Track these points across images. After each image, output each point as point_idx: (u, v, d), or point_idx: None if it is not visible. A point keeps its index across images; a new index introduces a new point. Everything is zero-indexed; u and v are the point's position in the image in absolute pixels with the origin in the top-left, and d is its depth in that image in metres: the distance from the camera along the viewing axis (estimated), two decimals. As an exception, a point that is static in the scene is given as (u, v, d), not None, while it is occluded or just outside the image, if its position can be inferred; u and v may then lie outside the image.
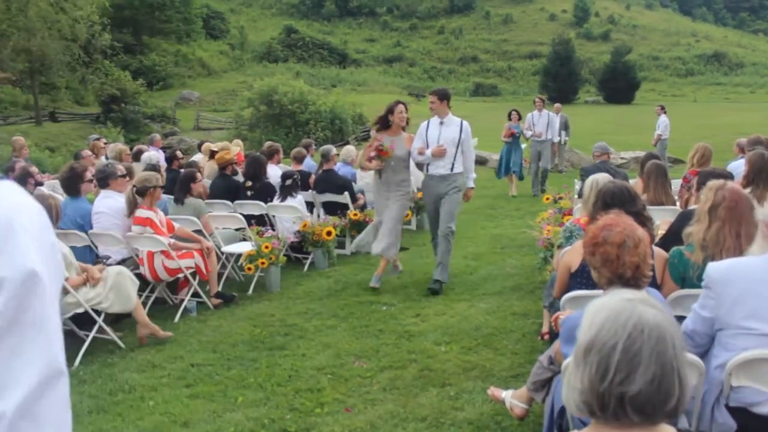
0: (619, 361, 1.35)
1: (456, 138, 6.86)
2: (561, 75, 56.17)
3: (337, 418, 4.15)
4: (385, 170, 7.03)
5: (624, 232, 2.77)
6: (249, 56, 61.75)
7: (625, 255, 2.74)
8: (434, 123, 6.98)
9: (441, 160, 6.83)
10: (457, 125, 6.93)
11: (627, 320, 1.38)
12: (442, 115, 6.93)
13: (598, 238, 2.81)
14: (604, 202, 3.73)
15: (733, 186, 3.45)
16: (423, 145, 6.93)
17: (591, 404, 1.39)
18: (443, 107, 6.92)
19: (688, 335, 3.04)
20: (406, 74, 67.36)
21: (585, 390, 1.39)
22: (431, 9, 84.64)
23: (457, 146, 6.87)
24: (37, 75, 31.88)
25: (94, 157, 10.30)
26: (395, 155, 6.92)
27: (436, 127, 6.94)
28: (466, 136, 6.95)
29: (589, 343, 1.40)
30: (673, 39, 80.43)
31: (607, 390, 1.36)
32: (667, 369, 1.35)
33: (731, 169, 6.54)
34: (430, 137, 6.91)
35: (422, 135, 6.98)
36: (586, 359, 1.40)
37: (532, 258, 7.86)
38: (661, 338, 1.36)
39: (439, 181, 6.88)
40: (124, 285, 5.48)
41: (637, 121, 35.48)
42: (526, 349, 5.15)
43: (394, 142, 6.96)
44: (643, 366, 1.35)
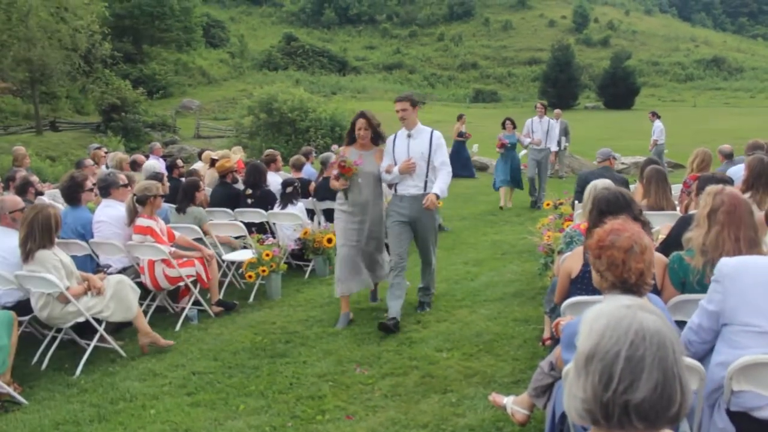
0: (623, 369, 1.34)
1: (425, 152, 5.98)
2: (561, 81, 56.20)
3: (338, 425, 4.14)
4: (352, 189, 6.08)
5: (632, 238, 2.77)
6: (249, 64, 61.85)
7: (631, 261, 2.73)
8: (402, 136, 6.10)
9: (411, 179, 6.00)
10: (426, 136, 6.05)
11: (628, 327, 1.38)
12: (410, 126, 6.05)
13: (605, 241, 2.80)
14: (599, 209, 3.73)
15: (731, 190, 3.45)
16: (391, 161, 6.07)
17: (594, 413, 1.38)
18: (414, 116, 6.06)
19: (694, 331, 3.04)
20: (406, 81, 67.39)
21: (588, 399, 1.38)
22: (431, 16, 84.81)
23: (428, 161, 5.98)
24: (37, 84, 31.95)
25: (95, 166, 10.32)
26: (363, 172, 6.03)
27: (403, 141, 6.07)
28: (438, 148, 6.03)
29: (590, 351, 1.39)
30: (673, 44, 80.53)
31: (611, 399, 1.35)
32: (669, 375, 1.35)
33: (731, 173, 6.55)
34: (398, 153, 6.03)
35: (390, 151, 6.11)
36: (588, 368, 1.39)
37: (532, 264, 7.86)
38: (662, 344, 1.36)
39: (410, 202, 6.01)
40: (124, 294, 5.48)
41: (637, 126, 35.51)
42: (527, 355, 5.14)
43: (362, 157, 6.06)
44: (647, 373, 1.34)
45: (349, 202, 6.09)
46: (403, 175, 5.97)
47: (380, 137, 6.23)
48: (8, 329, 4.81)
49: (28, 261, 5.13)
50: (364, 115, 6.13)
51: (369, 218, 6.09)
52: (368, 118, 6.11)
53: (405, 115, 6.01)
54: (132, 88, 33.96)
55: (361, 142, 6.11)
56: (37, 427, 4.30)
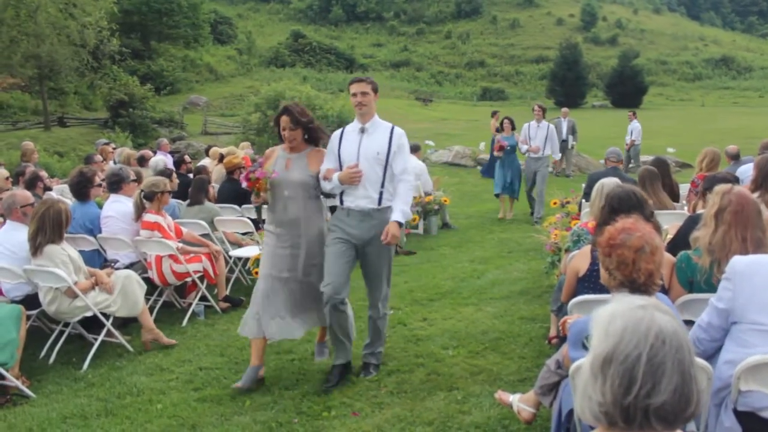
0: (644, 373, 1.33)
1: (383, 152, 4.60)
2: (568, 79, 56.04)
3: (344, 421, 4.15)
4: (276, 205, 4.75)
5: (643, 238, 2.77)
6: (256, 61, 61.89)
7: (641, 261, 2.73)
8: (352, 131, 4.75)
9: (363, 188, 4.60)
10: (384, 133, 4.69)
11: (648, 330, 1.36)
12: (366, 118, 4.69)
13: (617, 239, 2.80)
14: (611, 207, 3.73)
15: (740, 190, 3.44)
16: (335, 164, 4.69)
17: (613, 416, 1.37)
18: (373, 105, 4.74)
19: (703, 329, 3.04)
20: (413, 79, 67.34)
21: (606, 403, 1.37)
22: (438, 14, 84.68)
23: (385, 165, 4.61)
24: (46, 80, 32.08)
25: (104, 162, 10.36)
26: (289, 181, 4.68)
27: (354, 137, 4.69)
28: (399, 150, 4.66)
29: (609, 354, 1.37)
30: (681, 43, 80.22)
31: (633, 403, 1.34)
32: (686, 377, 1.35)
33: (740, 173, 6.53)
34: (346, 153, 4.65)
35: (334, 150, 4.72)
36: (606, 371, 1.37)
37: (539, 262, 7.85)
38: (680, 347, 1.36)
39: (359, 219, 4.63)
40: (131, 289, 5.51)
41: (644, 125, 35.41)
42: (533, 353, 5.14)
43: (291, 163, 4.75)
44: (667, 376, 1.34)
45: (273, 222, 4.79)
46: (345, 185, 4.61)
47: (316, 135, 4.86)
48: (16, 323, 4.84)
49: (36, 255, 5.16)
50: (288, 111, 4.71)
51: (304, 241, 4.71)
52: (293, 113, 4.69)
53: (365, 101, 4.63)
54: (140, 85, 34.01)
55: (288, 145, 4.79)
56: (44, 420, 4.33)
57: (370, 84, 4.70)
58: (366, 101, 4.65)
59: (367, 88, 4.67)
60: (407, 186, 4.65)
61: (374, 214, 4.62)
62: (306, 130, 4.79)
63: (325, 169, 4.69)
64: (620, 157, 8.07)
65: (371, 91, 4.68)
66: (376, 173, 4.61)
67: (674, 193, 6.89)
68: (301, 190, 4.72)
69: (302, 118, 4.72)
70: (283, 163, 4.77)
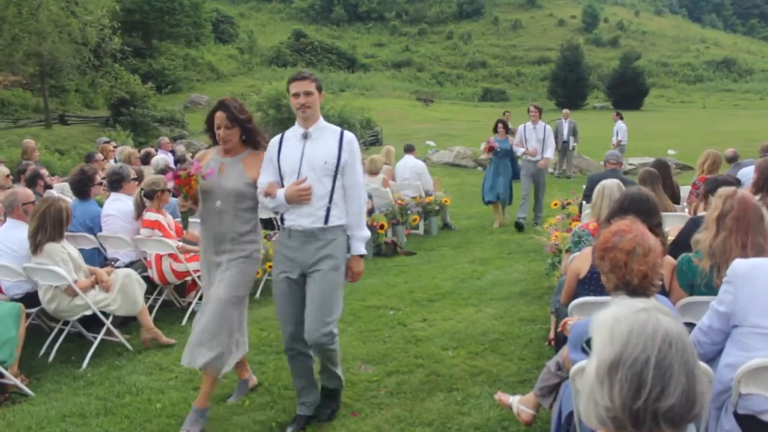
0: (654, 376, 1.33)
1: (331, 162, 3.94)
2: (570, 80, 56.07)
3: (343, 422, 4.15)
4: (207, 215, 4.17)
5: (635, 240, 2.77)
6: (258, 60, 61.93)
7: (633, 262, 2.73)
8: (293, 136, 4.05)
9: (304, 205, 3.94)
10: (333, 138, 4.02)
11: (654, 333, 1.35)
12: (309, 123, 4.00)
13: (609, 242, 2.81)
14: (622, 205, 3.71)
15: (743, 195, 3.43)
16: (275, 177, 4.04)
17: (622, 421, 1.36)
18: (318, 106, 4.04)
19: (704, 332, 3.03)
20: (414, 79, 67.36)
21: (615, 408, 1.36)
22: (440, 14, 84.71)
23: (333, 177, 3.96)
24: (47, 78, 32.09)
25: (105, 160, 10.37)
26: (221, 189, 4.09)
27: (296, 144, 4.01)
28: (351, 158, 4.01)
29: (616, 358, 1.36)
30: (683, 45, 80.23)
31: (643, 407, 1.33)
32: (692, 378, 1.35)
33: (741, 176, 6.52)
34: (287, 162, 4.00)
35: (273, 159, 4.05)
36: (614, 376, 1.36)
37: (539, 263, 7.85)
38: (685, 348, 1.35)
39: (302, 241, 3.97)
40: (131, 288, 5.51)
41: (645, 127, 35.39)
42: (533, 355, 5.13)
43: (225, 167, 4.14)
44: (675, 379, 1.33)
45: (205, 237, 4.23)
46: (291, 203, 3.94)
47: (255, 137, 4.24)
48: (16, 321, 4.84)
49: (36, 253, 5.15)
50: (225, 106, 4.10)
51: (225, 261, 4.13)
52: (230, 108, 4.08)
53: (309, 102, 3.94)
54: (141, 83, 34.05)
55: (223, 146, 4.17)
56: (43, 419, 4.32)
57: (314, 82, 4.00)
58: (310, 102, 3.96)
59: (311, 86, 3.96)
60: (361, 203, 4.06)
61: (320, 234, 3.93)
62: (244, 129, 4.17)
63: (266, 184, 4.02)
64: (620, 159, 8.05)
65: (315, 90, 3.99)
66: (324, 186, 3.93)
67: (675, 195, 6.88)
68: (234, 201, 4.08)
69: (240, 115, 4.11)
70: (216, 167, 4.13)
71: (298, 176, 3.92)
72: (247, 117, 4.18)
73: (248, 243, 4.16)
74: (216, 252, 4.15)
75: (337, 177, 3.96)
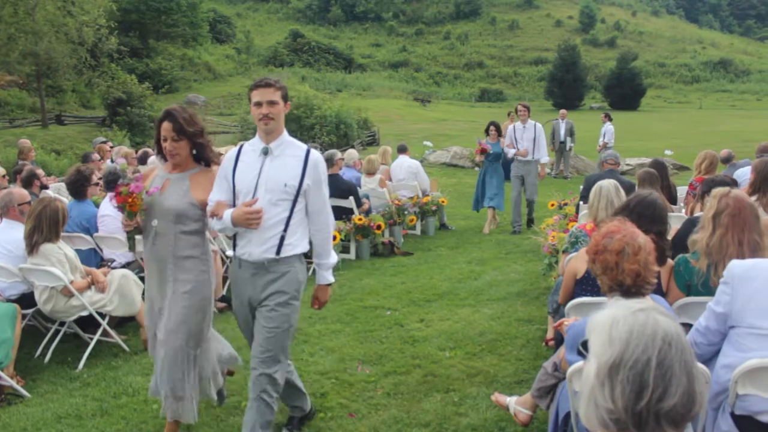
0: (656, 377, 1.32)
1: (293, 185, 3.46)
2: (567, 81, 56.20)
3: (340, 423, 4.14)
4: (147, 238, 3.73)
5: (623, 240, 2.77)
6: (255, 60, 61.90)
7: (624, 263, 2.74)
8: (253, 151, 3.57)
9: (260, 232, 3.46)
10: (297, 158, 3.51)
11: (654, 333, 1.35)
12: (272, 137, 3.51)
13: (599, 245, 2.83)
14: (630, 207, 3.68)
15: (737, 194, 3.44)
16: (227, 196, 3.56)
17: (624, 422, 1.35)
18: (282, 118, 3.55)
19: (701, 332, 3.03)
20: (411, 79, 67.45)
21: (617, 410, 1.35)
22: (437, 14, 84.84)
23: (293, 201, 3.48)
24: (43, 78, 32.04)
25: (101, 160, 10.35)
26: (160, 208, 3.64)
27: (255, 161, 3.52)
28: (317, 183, 3.53)
29: (616, 359, 1.36)
30: (679, 46, 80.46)
31: (645, 408, 1.33)
32: (691, 378, 1.35)
33: (737, 176, 6.54)
34: (243, 181, 3.51)
35: (227, 175, 3.57)
36: (615, 377, 1.35)
37: (536, 264, 7.85)
38: (684, 348, 1.35)
39: (251, 273, 3.53)
40: (128, 288, 5.49)
41: (642, 127, 35.46)
42: (530, 356, 5.13)
43: (168, 184, 3.68)
44: (676, 379, 1.33)
45: (145, 255, 3.81)
46: (238, 227, 3.48)
47: (206, 153, 3.75)
48: (12, 322, 4.82)
49: (32, 254, 5.14)
50: (171, 116, 3.60)
51: (170, 291, 3.68)
52: (178, 120, 3.58)
53: (273, 113, 3.43)
54: (138, 83, 33.98)
55: (171, 161, 3.70)
56: (39, 420, 4.31)
57: (279, 90, 3.47)
58: (274, 113, 3.44)
59: (275, 95, 3.45)
60: (327, 230, 3.64)
61: (271, 266, 3.48)
62: (193, 144, 3.68)
63: (214, 203, 3.54)
64: (618, 160, 8.03)
65: (280, 99, 3.47)
66: (280, 211, 3.45)
67: (672, 196, 6.89)
68: (173, 222, 3.61)
69: (189, 128, 3.60)
70: (160, 184, 3.68)
71: (254, 197, 3.45)
72: (198, 129, 3.68)
73: (192, 271, 3.66)
74: (159, 278, 3.72)
75: (297, 201, 3.49)
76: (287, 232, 3.47)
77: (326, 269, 3.74)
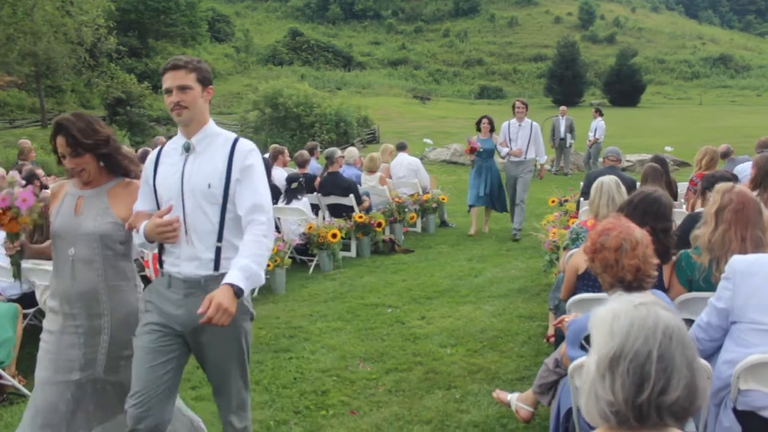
0: (657, 370, 1.32)
1: (218, 184, 2.84)
2: (566, 78, 56.20)
3: (342, 420, 4.14)
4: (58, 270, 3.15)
5: (620, 236, 2.77)
6: (254, 59, 61.95)
7: (624, 258, 2.74)
8: (174, 149, 2.97)
9: (182, 243, 2.86)
10: (221, 151, 2.90)
11: (655, 326, 1.35)
12: (191, 129, 2.91)
13: (597, 243, 2.83)
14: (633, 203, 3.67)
15: (741, 189, 3.43)
16: (150, 204, 2.99)
17: (625, 415, 1.36)
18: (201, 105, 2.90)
19: (702, 328, 3.03)
20: (410, 77, 67.45)
21: (618, 402, 1.35)
22: (436, 12, 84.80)
23: (222, 204, 2.85)
24: (43, 78, 32.10)
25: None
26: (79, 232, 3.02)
27: (176, 160, 2.93)
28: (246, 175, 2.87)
29: (616, 352, 1.36)
30: (679, 42, 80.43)
31: (646, 401, 1.33)
32: (694, 372, 1.35)
33: (738, 171, 6.53)
34: (164, 185, 2.93)
35: (149, 180, 2.99)
36: (615, 370, 1.36)
37: (537, 260, 7.85)
38: (686, 342, 1.35)
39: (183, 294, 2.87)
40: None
41: (642, 124, 35.45)
42: (531, 352, 5.13)
43: (82, 203, 3.08)
44: (678, 372, 1.33)
45: (57, 295, 3.10)
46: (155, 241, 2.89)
47: (118, 162, 3.14)
48: (13, 322, 4.82)
49: (33, 254, 5.12)
50: (63, 129, 3.00)
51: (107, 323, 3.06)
52: (71, 132, 2.97)
53: (186, 101, 2.84)
54: (137, 82, 34.03)
55: (79, 179, 3.10)
56: (41, 419, 4.31)
57: (193, 71, 2.86)
58: (188, 101, 2.84)
59: (187, 78, 2.84)
60: (260, 230, 2.80)
61: (208, 284, 2.81)
62: (99, 156, 3.05)
63: (134, 214, 2.99)
64: (619, 156, 8.01)
65: (196, 83, 2.86)
66: (208, 218, 2.85)
67: (672, 192, 6.88)
68: (99, 247, 3.02)
69: (86, 140, 2.98)
70: (72, 203, 3.08)
71: (181, 204, 2.86)
72: (100, 139, 3.03)
73: (121, 300, 3.09)
74: (67, 313, 3.04)
75: (228, 203, 2.85)
76: (223, 242, 2.86)
77: (241, 269, 2.69)
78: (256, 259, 2.75)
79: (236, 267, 2.70)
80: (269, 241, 2.85)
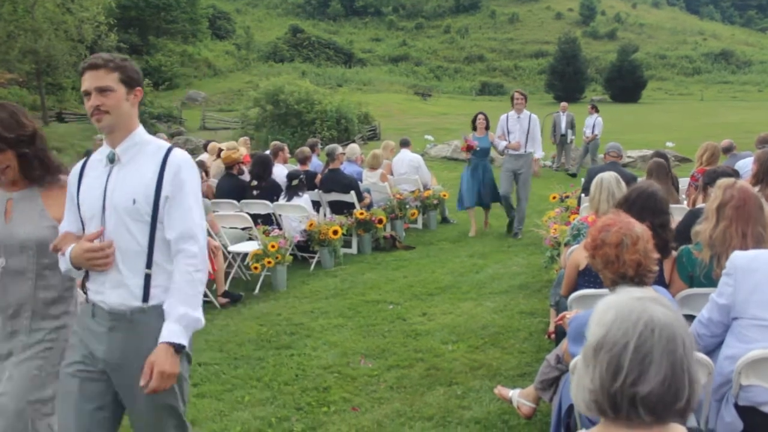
0: (631, 360, 1.35)
1: (145, 201, 2.47)
2: (567, 74, 56.07)
3: (343, 417, 4.14)
4: None
5: (620, 231, 2.78)
6: (255, 56, 61.85)
7: (624, 254, 2.75)
8: (99, 160, 2.58)
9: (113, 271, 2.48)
10: (151, 163, 2.51)
11: (638, 319, 1.37)
12: (116, 138, 2.52)
13: (597, 240, 2.83)
14: (631, 198, 3.66)
15: (743, 185, 3.42)
16: (75, 224, 2.61)
17: (601, 404, 1.39)
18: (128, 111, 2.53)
19: (704, 324, 3.03)
20: (411, 73, 67.34)
21: (596, 390, 1.38)
22: (437, 8, 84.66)
23: (151, 224, 2.48)
24: (43, 76, 32.09)
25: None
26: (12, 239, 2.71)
27: (101, 173, 2.55)
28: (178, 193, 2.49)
29: (599, 341, 1.39)
30: (680, 37, 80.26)
31: (619, 390, 1.35)
32: (677, 368, 1.35)
33: (738, 167, 6.52)
34: (87, 203, 2.55)
35: (73, 196, 2.61)
36: (596, 358, 1.39)
37: (538, 257, 7.85)
38: (671, 338, 1.36)
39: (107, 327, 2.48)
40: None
41: (643, 119, 35.41)
42: (533, 348, 5.13)
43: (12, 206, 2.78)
44: (655, 366, 1.34)
45: None
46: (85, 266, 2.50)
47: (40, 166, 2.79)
48: None
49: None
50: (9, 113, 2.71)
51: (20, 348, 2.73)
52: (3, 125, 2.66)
53: (106, 105, 2.45)
54: (138, 80, 33.98)
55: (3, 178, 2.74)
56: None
57: (114, 71, 2.47)
58: (109, 105, 2.46)
59: (108, 79, 2.46)
60: (191, 265, 2.49)
61: (135, 317, 2.47)
62: (21, 155, 2.71)
63: (60, 234, 2.62)
64: (621, 152, 7.98)
65: (118, 84, 2.48)
66: (135, 238, 2.48)
67: (674, 188, 6.88)
68: (34, 257, 2.72)
69: (8, 133, 2.66)
70: (2, 208, 2.76)
71: (103, 223, 2.50)
72: (24, 134, 2.71)
73: (55, 318, 2.78)
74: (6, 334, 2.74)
75: (158, 222, 2.49)
76: (153, 267, 2.48)
77: (175, 321, 2.39)
78: (191, 302, 2.44)
79: (172, 319, 2.39)
80: (203, 274, 2.53)
